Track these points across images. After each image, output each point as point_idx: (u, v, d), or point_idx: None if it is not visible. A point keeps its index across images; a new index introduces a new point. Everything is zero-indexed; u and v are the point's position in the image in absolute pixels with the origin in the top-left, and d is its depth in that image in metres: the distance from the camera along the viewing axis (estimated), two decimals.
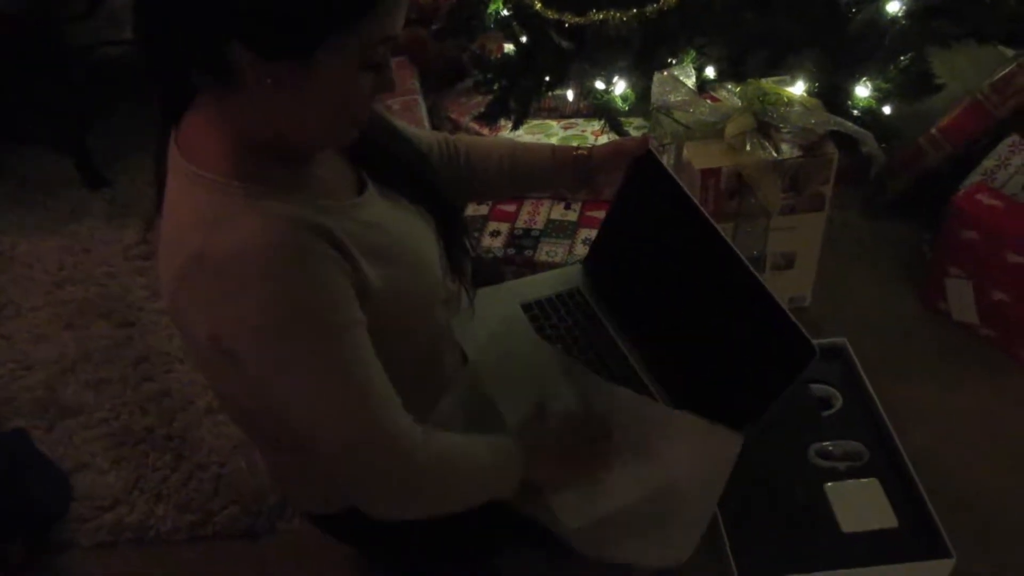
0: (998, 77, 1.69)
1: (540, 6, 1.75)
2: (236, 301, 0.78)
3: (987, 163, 1.67)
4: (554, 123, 2.01)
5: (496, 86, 1.93)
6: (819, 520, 1.29)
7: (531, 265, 1.74)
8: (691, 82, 1.55)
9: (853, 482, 1.33)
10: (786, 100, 1.45)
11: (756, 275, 0.99)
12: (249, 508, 1.49)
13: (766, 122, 1.45)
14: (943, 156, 1.78)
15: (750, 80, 1.52)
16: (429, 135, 1.16)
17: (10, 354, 1.84)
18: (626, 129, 1.85)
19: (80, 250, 2.10)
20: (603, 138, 1.89)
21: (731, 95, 1.51)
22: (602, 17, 1.67)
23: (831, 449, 1.38)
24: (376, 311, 0.86)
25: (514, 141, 1.18)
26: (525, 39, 1.88)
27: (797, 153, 1.44)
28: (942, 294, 1.68)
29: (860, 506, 1.30)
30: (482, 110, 1.98)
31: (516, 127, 1.94)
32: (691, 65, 1.66)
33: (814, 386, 1.47)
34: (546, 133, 1.96)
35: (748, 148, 1.43)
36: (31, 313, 1.94)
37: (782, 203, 1.48)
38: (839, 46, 1.70)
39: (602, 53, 1.76)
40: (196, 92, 0.83)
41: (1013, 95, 1.68)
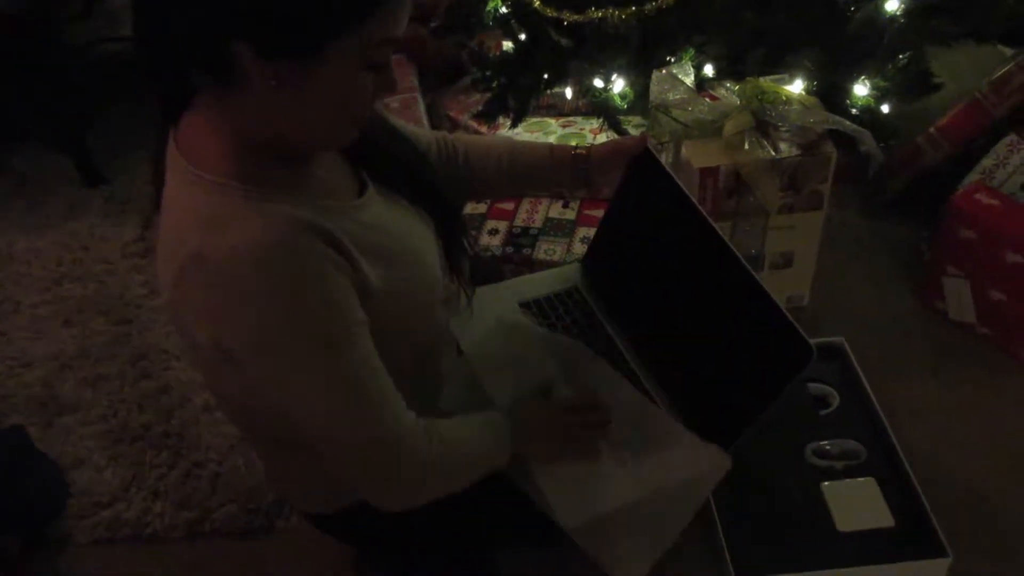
0: (997, 76, 1.69)
1: (539, 4, 1.75)
2: (236, 303, 0.78)
3: (985, 162, 1.67)
4: (552, 121, 2.00)
5: (495, 84, 1.93)
6: (815, 519, 1.29)
7: (529, 264, 1.74)
8: (690, 80, 1.55)
9: (850, 481, 1.33)
10: (785, 99, 1.45)
11: (754, 275, 0.99)
12: (247, 506, 1.49)
13: (765, 121, 1.45)
14: (942, 155, 1.78)
15: (749, 79, 1.52)
16: (428, 134, 1.16)
17: (8, 351, 1.84)
18: (624, 127, 1.85)
19: (79, 247, 2.10)
20: (602, 136, 1.89)
21: (730, 93, 1.51)
22: (601, 15, 1.67)
23: (828, 448, 1.38)
24: (376, 311, 0.86)
25: (513, 140, 1.18)
26: (524, 37, 1.88)
27: (795, 152, 1.44)
28: (940, 293, 1.69)
29: (857, 505, 1.30)
30: (481, 108, 1.98)
31: (515, 125, 1.94)
32: (690, 63, 1.65)
33: (811, 385, 1.47)
34: (544, 131, 1.96)
35: (746, 147, 1.43)
36: (29, 310, 1.94)
37: (780, 202, 1.48)
38: (838, 45, 1.70)
39: (601, 51, 1.76)
40: (195, 91, 0.83)
41: (1012, 94, 1.68)
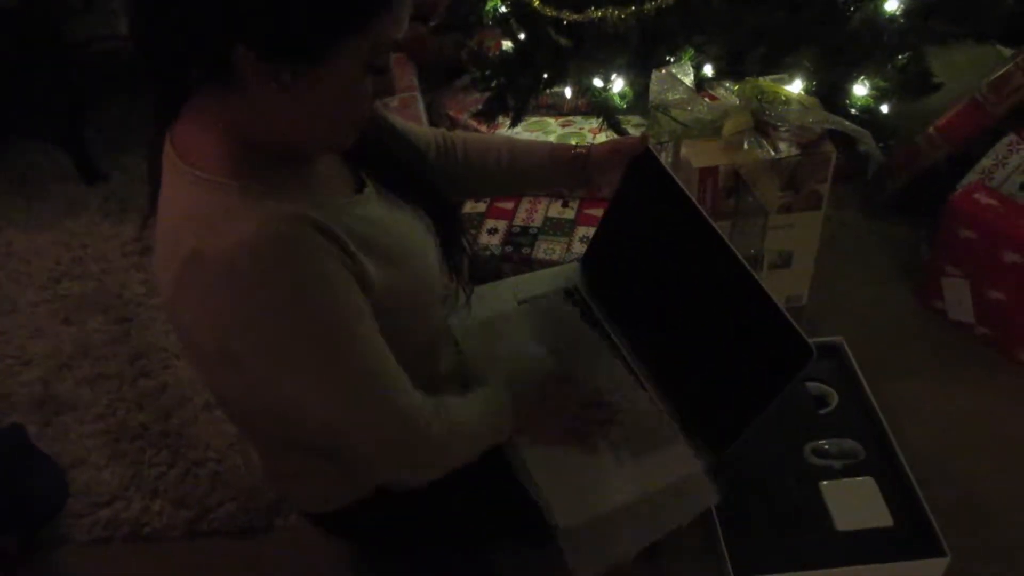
0: (996, 76, 1.69)
1: (538, 3, 1.74)
2: (237, 300, 0.78)
3: (985, 162, 1.67)
4: (552, 120, 2.00)
5: (494, 83, 1.93)
6: (814, 518, 1.29)
7: (529, 263, 1.74)
8: (689, 80, 1.55)
9: (848, 480, 1.33)
10: (784, 98, 1.45)
11: (754, 275, 0.99)
12: (246, 505, 1.49)
13: (764, 120, 1.45)
14: (941, 155, 1.78)
15: (748, 78, 1.51)
16: (427, 132, 1.16)
17: (7, 349, 1.83)
18: (624, 127, 1.85)
19: (77, 245, 2.10)
20: (601, 136, 1.89)
21: (729, 93, 1.51)
22: (600, 15, 1.67)
23: (827, 447, 1.38)
24: (375, 308, 0.86)
25: (512, 139, 1.17)
26: (523, 36, 1.87)
27: (795, 152, 1.43)
28: (939, 293, 1.69)
29: (855, 504, 1.30)
30: (480, 107, 1.97)
31: (514, 124, 1.93)
32: (689, 63, 1.65)
33: (810, 384, 1.47)
34: (544, 131, 1.96)
35: (746, 146, 1.43)
36: (28, 308, 1.94)
37: (779, 201, 1.48)
38: (837, 44, 1.70)
39: (600, 51, 1.76)
40: (191, 91, 0.83)
41: (1011, 94, 1.68)
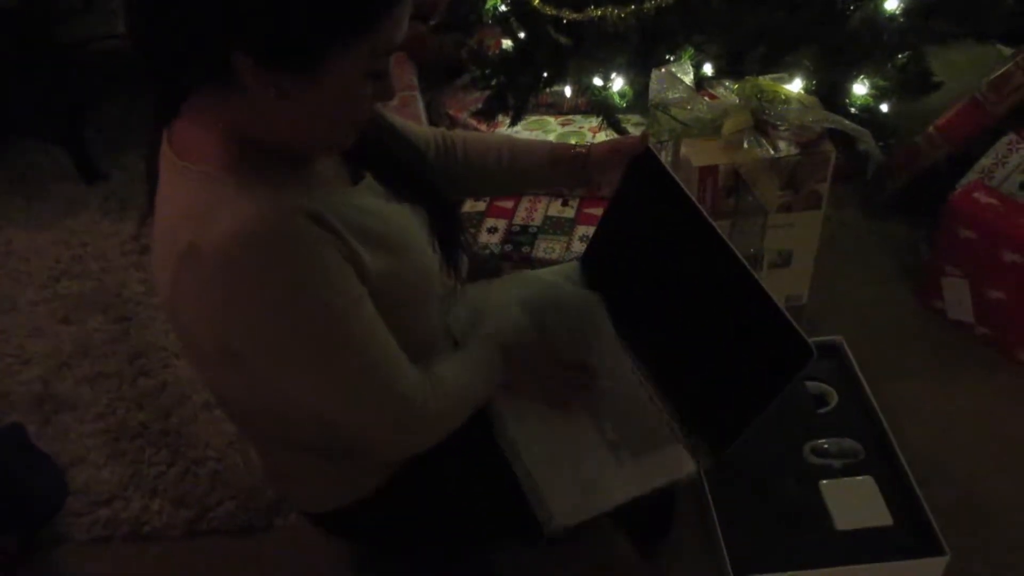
0: (996, 76, 1.69)
1: (538, 2, 1.74)
2: (235, 294, 0.78)
3: (984, 162, 1.67)
4: (552, 119, 2.00)
5: (494, 82, 1.93)
6: (814, 518, 1.29)
7: (528, 262, 1.74)
8: (689, 79, 1.54)
9: (848, 480, 1.33)
10: (784, 98, 1.45)
11: (754, 275, 0.99)
12: (246, 504, 1.49)
13: (764, 120, 1.45)
14: (941, 155, 1.78)
15: (748, 77, 1.51)
16: (426, 130, 1.16)
17: (6, 348, 1.83)
18: (624, 126, 1.85)
19: (77, 244, 2.10)
20: (601, 135, 1.89)
21: (729, 92, 1.50)
22: (600, 14, 1.67)
23: (826, 447, 1.38)
24: (373, 300, 0.86)
25: (512, 138, 1.17)
26: (523, 35, 1.87)
27: (794, 151, 1.43)
28: (939, 293, 1.69)
29: (855, 504, 1.30)
30: (480, 106, 1.97)
31: (514, 123, 1.93)
32: (689, 62, 1.65)
33: (810, 384, 1.47)
34: (544, 129, 1.96)
35: (745, 146, 1.42)
36: (27, 307, 1.94)
37: (779, 201, 1.48)
38: (837, 44, 1.70)
39: (600, 50, 1.76)
40: (191, 90, 0.83)
41: (1011, 94, 1.68)
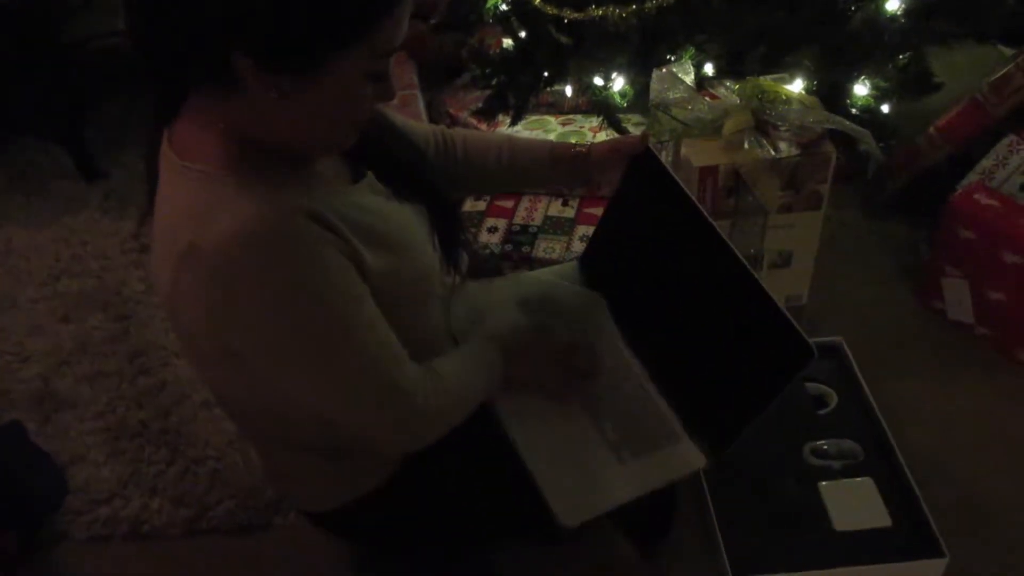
0: (997, 76, 1.69)
1: (539, 1, 1.74)
2: (236, 293, 0.78)
3: (985, 163, 1.67)
4: (552, 119, 2.00)
5: (494, 81, 1.93)
6: (813, 519, 1.29)
7: (528, 261, 1.74)
8: (690, 79, 1.54)
9: (847, 481, 1.33)
10: (784, 98, 1.45)
11: (754, 275, 0.99)
12: (245, 503, 1.49)
13: (764, 120, 1.44)
14: (941, 155, 1.78)
15: (749, 78, 1.51)
16: (425, 128, 1.15)
17: (6, 346, 1.83)
18: (624, 126, 1.85)
19: (77, 242, 2.10)
20: (601, 135, 1.89)
21: (730, 92, 1.50)
22: (601, 13, 1.66)
23: (826, 448, 1.38)
24: (374, 298, 0.86)
25: (512, 137, 1.17)
26: (524, 34, 1.87)
27: (795, 151, 1.43)
28: (939, 293, 1.69)
29: (854, 505, 1.30)
30: (480, 105, 1.97)
31: (514, 123, 1.93)
32: (690, 62, 1.65)
33: (809, 385, 1.47)
34: (544, 129, 1.96)
35: (746, 146, 1.42)
36: (27, 305, 1.94)
37: (779, 201, 1.48)
38: (838, 44, 1.70)
39: (601, 49, 1.76)
40: (191, 90, 0.83)
41: (1012, 95, 1.68)
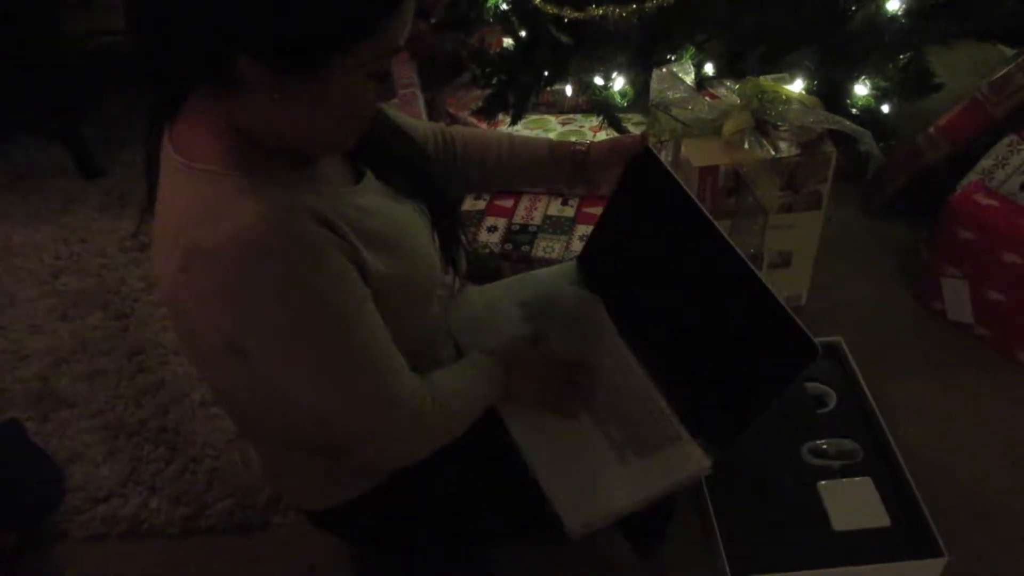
0: (997, 76, 1.69)
1: (539, 1, 1.74)
2: (240, 292, 0.78)
3: (985, 163, 1.67)
4: (552, 118, 2.00)
5: (495, 80, 1.93)
6: (812, 518, 1.29)
7: (528, 261, 1.74)
8: (690, 79, 1.55)
9: (846, 481, 1.33)
10: (784, 98, 1.45)
11: (757, 272, 0.99)
12: (243, 501, 1.49)
13: (764, 120, 1.45)
14: (941, 155, 1.78)
15: (749, 77, 1.51)
16: (425, 125, 1.15)
17: (5, 344, 1.83)
18: (624, 125, 1.85)
19: (76, 240, 2.10)
20: (601, 134, 1.89)
21: (730, 92, 1.51)
22: (601, 13, 1.66)
23: (825, 448, 1.38)
24: (375, 300, 0.86)
25: (512, 135, 1.17)
26: (524, 34, 1.87)
27: (795, 151, 1.43)
28: (938, 294, 1.69)
29: (853, 505, 1.30)
30: (480, 104, 1.97)
31: (514, 122, 1.93)
32: (690, 62, 1.65)
33: (809, 384, 1.47)
34: (544, 128, 1.96)
35: (746, 146, 1.43)
36: (26, 304, 1.93)
37: (779, 201, 1.48)
38: (838, 44, 1.70)
39: (601, 49, 1.76)
40: (191, 88, 0.83)
41: (1012, 95, 1.68)
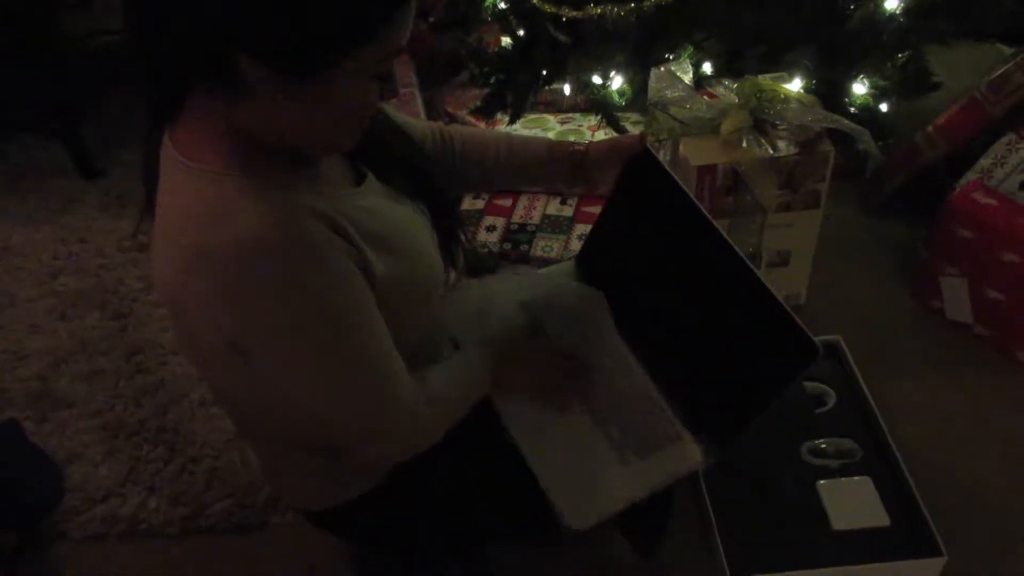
0: (996, 75, 1.68)
1: (537, 0, 1.74)
2: (244, 294, 0.78)
3: (984, 162, 1.67)
4: (551, 117, 2.00)
5: (493, 80, 1.93)
6: (811, 518, 1.29)
7: (526, 260, 1.74)
8: (688, 78, 1.54)
9: (845, 480, 1.33)
10: (783, 97, 1.45)
11: (756, 272, 0.98)
12: (242, 501, 1.49)
13: (763, 119, 1.45)
14: (940, 154, 1.77)
15: (747, 76, 1.51)
16: (423, 124, 1.15)
17: (4, 344, 1.83)
18: (623, 124, 1.85)
19: (75, 241, 2.10)
20: (600, 133, 1.89)
21: (728, 91, 1.50)
22: (600, 12, 1.66)
23: (824, 447, 1.38)
24: (378, 300, 0.86)
25: (510, 134, 1.17)
26: (522, 33, 1.87)
27: (793, 150, 1.43)
28: (937, 293, 1.68)
29: (852, 504, 1.30)
30: (479, 104, 1.97)
31: (513, 121, 1.93)
32: (688, 61, 1.65)
33: (808, 384, 1.47)
34: (543, 127, 1.96)
35: (744, 145, 1.42)
36: (25, 304, 1.93)
37: (778, 200, 1.48)
38: (837, 43, 1.70)
39: (599, 48, 1.76)
40: (192, 89, 0.82)
41: (1011, 94, 1.68)
